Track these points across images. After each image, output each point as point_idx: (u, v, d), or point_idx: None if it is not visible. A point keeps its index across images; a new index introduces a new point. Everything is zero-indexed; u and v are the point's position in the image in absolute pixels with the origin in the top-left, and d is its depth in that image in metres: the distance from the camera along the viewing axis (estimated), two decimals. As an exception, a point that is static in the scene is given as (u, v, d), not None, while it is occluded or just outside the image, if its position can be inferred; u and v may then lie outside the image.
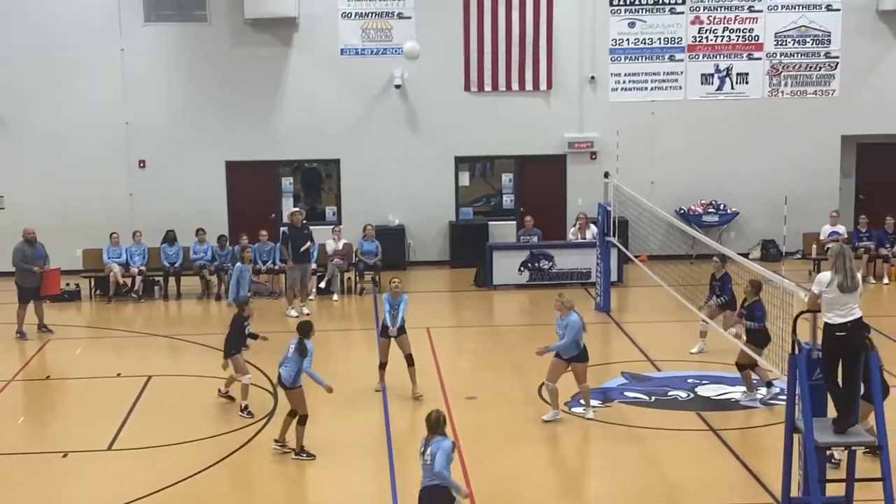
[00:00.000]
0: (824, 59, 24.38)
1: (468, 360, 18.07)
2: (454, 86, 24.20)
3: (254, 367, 16.71)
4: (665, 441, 13.74)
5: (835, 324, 10.18)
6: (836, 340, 10.18)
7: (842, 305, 10.19)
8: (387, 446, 13.58)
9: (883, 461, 10.01)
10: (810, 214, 23.24)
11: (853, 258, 10.48)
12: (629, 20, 24.18)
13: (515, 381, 16.21)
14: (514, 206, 24.78)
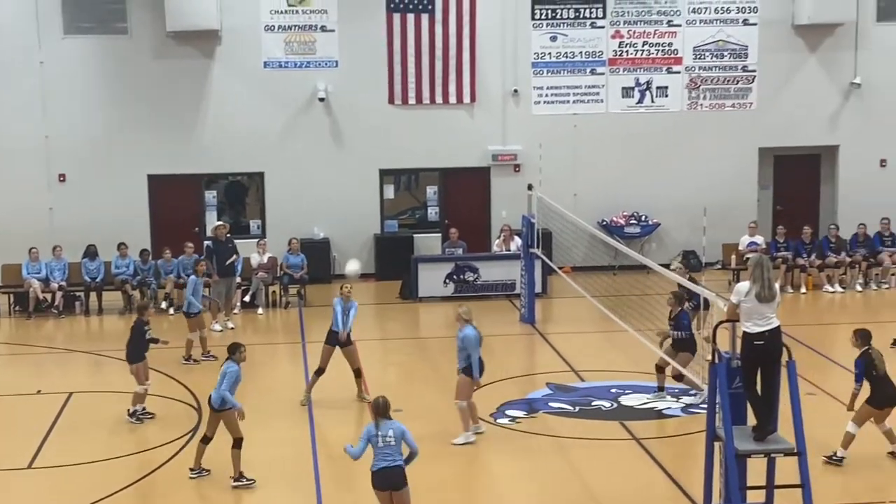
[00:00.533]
0: (742, 72, 24.85)
1: (394, 373, 18.08)
2: (378, 99, 24.24)
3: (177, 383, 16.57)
4: (589, 451, 13.87)
5: (753, 333, 10.38)
6: (754, 349, 10.37)
7: (760, 315, 10.39)
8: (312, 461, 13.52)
9: (801, 467, 10.21)
10: (729, 225, 23.64)
11: (771, 268, 10.69)
12: (551, 34, 24.44)
13: (441, 393, 16.22)
14: (439, 219, 24.87)
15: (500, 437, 14.39)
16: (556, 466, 13.47)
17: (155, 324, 20.82)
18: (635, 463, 13.43)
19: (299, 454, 13.79)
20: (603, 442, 14.14)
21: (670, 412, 15.19)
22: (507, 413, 15.19)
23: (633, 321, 16.92)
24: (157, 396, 15.93)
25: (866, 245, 23.25)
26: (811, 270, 22.94)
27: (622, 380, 16.47)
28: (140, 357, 15.05)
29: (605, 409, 15.34)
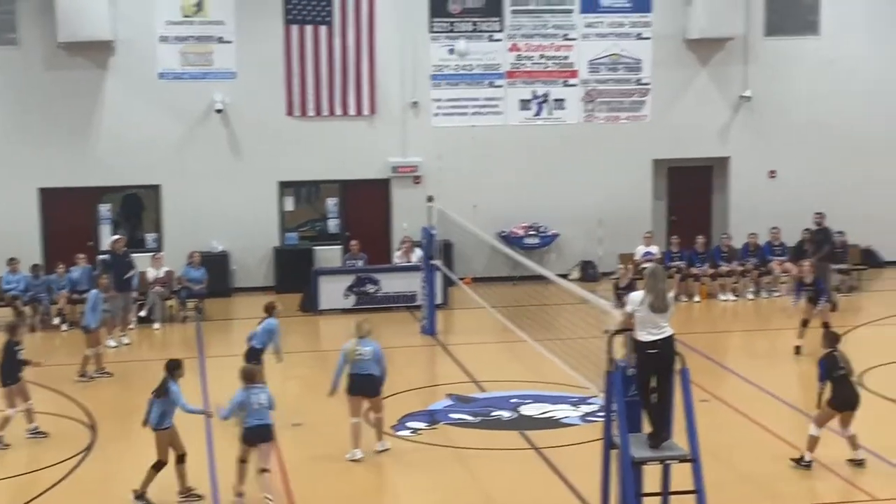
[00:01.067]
0: (636, 85, 25.29)
1: (295, 387, 17.96)
2: (277, 110, 24.11)
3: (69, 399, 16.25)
4: (490, 461, 13.96)
5: (646, 341, 10.56)
6: (647, 357, 10.56)
7: (653, 324, 10.58)
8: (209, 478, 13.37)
9: (695, 474, 10.41)
10: (625, 235, 24.04)
11: (665, 278, 10.89)
12: (449, 46, 24.59)
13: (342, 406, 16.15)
14: (340, 231, 24.81)
15: (401, 450, 14.39)
16: (458, 478, 13.52)
17: (47, 340, 20.50)
18: (535, 472, 13.54)
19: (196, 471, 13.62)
20: (503, 452, 14.24)
21: (569, 421, 15.36)
22: (407, 425, 15.20)
23: (532, 331, 17.08)
24: (49, 414, 15.59)
25: (757, 254, 23.82)
26: (704, 279, 23.41)
27: (522, 389, 16.60)
28: (14, 379, 14.58)
29: (505, 420, 15.45)
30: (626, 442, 10.36)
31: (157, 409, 12.44)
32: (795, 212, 24.60)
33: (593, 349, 12.67)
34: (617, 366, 10.64)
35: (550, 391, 16.35)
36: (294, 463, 13.80)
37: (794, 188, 25.44)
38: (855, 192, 25.57)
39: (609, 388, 10.67)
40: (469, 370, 17.97)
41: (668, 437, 10.63)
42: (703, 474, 10.45)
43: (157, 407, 12.45)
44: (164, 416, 12.45)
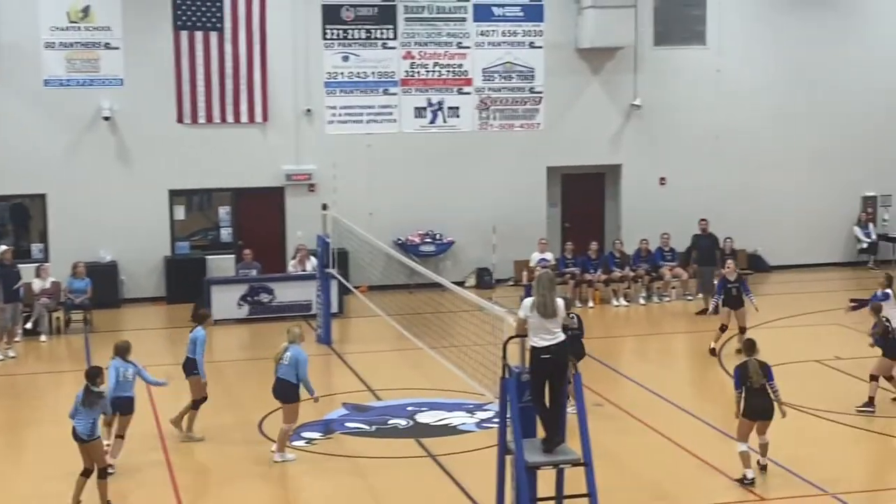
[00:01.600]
0: (529, 94, 25.51)
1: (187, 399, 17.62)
2: (167, 118, 23.73)
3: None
4: (387, 470, 13.90)
5: (539, 347, 10.62)
6: (541, 363, 10.61)
7: (545, 330, 10.64)
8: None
9: (588, 478, 10.49)
10: (521, 242, 24.20)
11: (553, 285, 10.90)
12: (342, 54, 24.49)
13: (235, 418, 15.99)
14: (233, 240, 24.50)
15: (296, 460, 14.24)
16: (354, 487, 13.43)
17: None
18: (431, 480, 13.52)
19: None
20: (400, 460, 14.18)
21: (465, 428, 15.38)
22: (303, 435, 15.05)
23: (428, 339, 17.07)
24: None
25: (648, 260, 24.20)
26: (598, 285, 23.69)
27: (418, 397, 16.57)
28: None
29: (401, 428, 15.40)
30: (520, 447, 10.40)
31: (86, 419, 12.24)
32: (685, 218, 25.08)
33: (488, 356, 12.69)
34: (511, 372, 10.67)
35: (446, 398, 16.35)
36: (186, 476, 13.55)
37: (684, 194, 25.92)
38: (742, 198, 26.18)
39: (503, 394, 10.70)
40: (365, 379, 17.89)
41: (561, 442, 10.69)
42: (597, 478, 10.53)
43: (86, 417, 12.24)
44: (94, 425, 12.30)
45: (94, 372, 12.49)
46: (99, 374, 12.48)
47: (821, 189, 26.79)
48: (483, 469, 13.24)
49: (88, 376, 12.44)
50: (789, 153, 26.56)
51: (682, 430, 15.13)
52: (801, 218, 26.68)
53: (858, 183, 27.09)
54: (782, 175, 26.55)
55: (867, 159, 26.98)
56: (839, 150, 26.79)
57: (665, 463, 14.12)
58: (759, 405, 12.88)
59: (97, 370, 12.54)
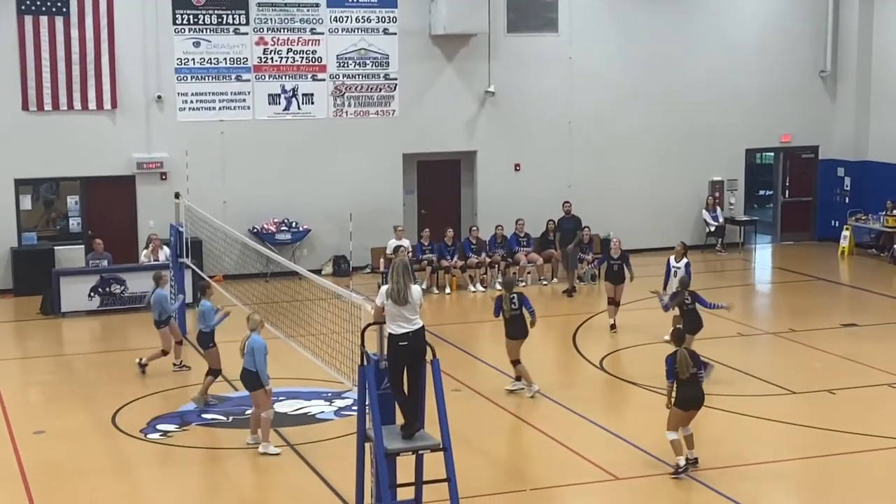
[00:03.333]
0: (384, 80, 25.51)
1: (36, 393, 17.20)
2: (11, 105, 22.93)
3: None
4: (244, 460, 13.79)
5: (397, 334, 10.68)
6: (399, 350, 10.68)
7: (402, 317, 10.70)
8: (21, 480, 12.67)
9: (447, 462, 10.61)
10: (377, 229, 24.21)
11: (408, 272, 10.94)
12: (194, 39, 24.05)
13: (86, 411, 15.64)
14: (82, 230, 23.87)
15: (150, 453, 14.03)
16: (211, 478, 13.30)
17: None
18: (290, 469, 13.47)
19: None
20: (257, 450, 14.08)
21: (323, 416, 15.36)
22: (158, 427, 14.83)
23: (285, 328, 16.94)
24: None
25: (504, 245, 24.51)
26: (455, 271, 23.89)
27: (276, 386, 16.38)
28: None
29: (260, 417, 15.26)
30: (379, 434, 10.46)
31: None
32: (540, 203, 25.49)
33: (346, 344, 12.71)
34: (369, 359, 10.71)
35: (304, 387, 16.29)
36: (35, 472, 13.19)
37: (538, 181, 26.32)
38: (594, 183, 26.71)
39: (362, 381, 10.73)
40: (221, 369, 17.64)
41: (420, 428, 10.79)
42: (456, 462, 10.66)
43: None
44: None
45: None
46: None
47: (670, 174, 27.54)
48: (343, 457, 13.29)
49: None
50: (639, 139, 27.21)
51: (539, 414, 15.40)
52: (651, 202, 27.38)
53: (706, 168, 27.94)
54: (633, 161, 27.19)
55: (714, 144, 27.84)
56: (687, 136, 27.57)
57: (522, 446, 14.37)
58: (691, 395, 12.85)
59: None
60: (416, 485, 10.91)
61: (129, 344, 19.93)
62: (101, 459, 13.80)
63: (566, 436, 14.40)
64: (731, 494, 12.47)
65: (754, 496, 12.59)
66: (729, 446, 13.90)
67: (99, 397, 16.21)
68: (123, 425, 14.94)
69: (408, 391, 10.78)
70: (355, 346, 11.43)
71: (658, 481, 12.95)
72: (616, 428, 14.61)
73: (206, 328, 15.87)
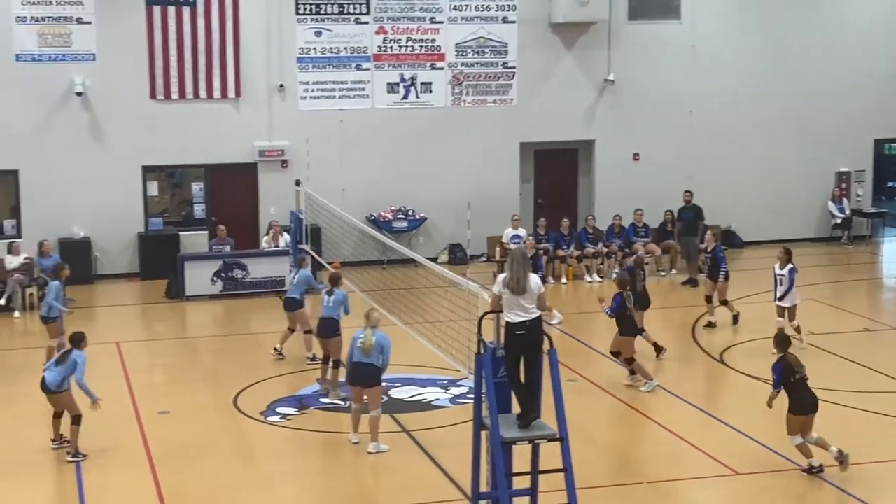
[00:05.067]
0: (502, 69, 25.48)
1: (161, 374, 17.66)
2: (139, 93, 23.56)
3: None
4: (361, 445, 13.93)
5: (514, 322, 10.66)
6: (515, 339, 10.66)
7: (519, 306, 10.68)
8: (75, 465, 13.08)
9: (564, 453, 10.56)
10: (494, 218, 24.21)
11: (525, 262, 10.88)
12: (315, 29, 24.38)
13: (209, 393, 16.01)
14: (206, 216, 24.42)
15: (271, 435, 14.29)
16: (329, 462, 13.49)
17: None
18: (405, 455, 13.59)
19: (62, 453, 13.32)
20: (374, 435, 14.23)
21: (439, 403, 15.45)
22: (277, 410, 15.10)
23: (401, 315, 17.10)
24: None
25: (621, 236, 24.30)
26: (571, 261, 23.77)
27: (392, 373, 16.52)
28: None
29: (375, 403, 15.42)
30: (495, 423, 10.46)
31: (59, 374, 13.35)
32: (658, 194, 25.20)
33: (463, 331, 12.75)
34: (486, 347, 10.73)
35: (420, 374, 16.40)
36: (161, 451, 13.56)
37: (657, 170, 26.01)
38: (715, 174, 26.28)
39: (478, 369, 10.75)
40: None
41: (536, 418, 10.76)
42: (572, 453, 10.62)
43: (57, 373, 13.35)
44: (64, 380, 13.41)
45: (78, 337, 13.59)
46: (81, 340, 13.55)
47: (794, 164, 26.94)
48: (457, 444, 13.36)
49: (72, 340, 13.56)
50: (762, 128, 26.66)
51: (656, 406, 15.25)
52: (774, 193, 26.83)
53: (831, 158, 27.25)
54: (755, 150, 26.67)
55: (841, 134, 27.13)
56: (813, 126, 26.92)
57: (639, 438, 14.24)
58: (805, 399, 12.60)
59: (81, 335, 13.60)
60: (532, 474, 10.89)
61: (250, 328, 20.34)
62: (223, 440, 14.10)
63: (684, 429, 14.23)
64: (853, 491, 12.18)
65: (876, 494, 12.26)
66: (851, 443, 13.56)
67: (221, 379, 16.57)
68: (245, 407, 15.25)
69: (524, 380, 10.76)
70: (472, 334, 11.46)
71: (778, 477, 12.71)
72: (735, 422, 14.38)
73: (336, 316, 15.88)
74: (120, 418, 14.72)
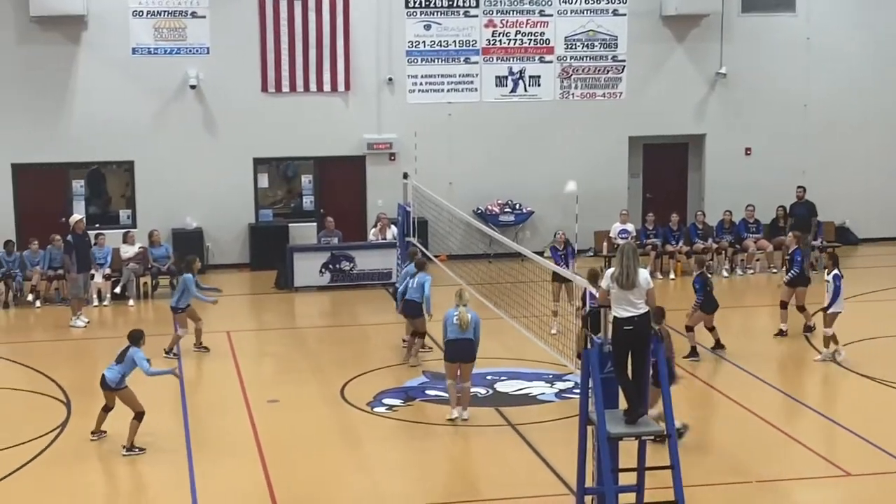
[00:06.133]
0: (611, 62, 25.26)
1: (270, 364, 17.92)
2: (251, 86, 23.95)
3: (44, 376, 16.17)
4: (466, 437, 13.97)
5: (622, 318, 10.56)
6: (623, 334, 10.56)
7: (627, 301, 10.58)
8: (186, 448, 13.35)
9: (671, 449, 10.45)
10: (601, 213, 24.03)
11: (634, 256, 10.78)
12: (425, 22, 24.48)
13: (317, 383, 16.20)
14: (315, 208, 24.71)
15: (377, 426, 14.40)
16: (433, 454, 13.54)
17: (20, 317, 20.43)
18: (510, 448, 13.58)
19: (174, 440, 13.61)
20: (479, 428, 14.24)
21: (544, 398, 15.39)
22: (384, 402, 15.21)
23: (508, 308, 17.08)
24: (24, 391, 15.47)
25: (732, 231, 23.90)
26: (679, 257, 23.47)
27: (497, 367, 16.61)
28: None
29: (480, 396, 15.44)
30: (602, 418, 10.39)
31: (118, 372, 13.50)
32: (770, 189, 24.72)
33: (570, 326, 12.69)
34: (593, 342, 10.65)
35: (526, 368, 16.36)
36: (270, 440, 13.76)
37: (770, 165, 25.53)
38: (829, 169, 25.69)
39: (586, 364, 10.69)
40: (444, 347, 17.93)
41: (644, 414, 10.66)
42: (679, 450, 10.48)
43: (117, 371, 13.51)
44: (123, 377, 13.54)
45: (136, 335, 13.71)
46: (140, 338, 13.70)
47: (911, 160, 26.20)
48: (562, 439, 13.30)
49: (131, 338, 13.67)
50: (880, 122, 25.97)
51: (765, 404, 14.98)
52: (891, 189, 26.11)
53: (951, 154, 26.44)
54: (872, 145, 26.00)
55: (960, 130, 26.29)
56: (930, 120, 26.15)
57: (747, 436, 14.00)
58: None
59: (139, 333, 13.75)
60: (639, 470, 10.78)
61: (357, 319, 20.54)
62: (330, 430, 14.26)
63: (794, 428, 13.95)
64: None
65: None
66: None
67: (328, 370, 16.76)
68: (351, 398, 15.40)
69: (632, 376, 10.66)
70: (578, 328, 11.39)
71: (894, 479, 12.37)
72: (847, 422, 14.04)
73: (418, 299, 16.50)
74: (230, 406, 14.98)
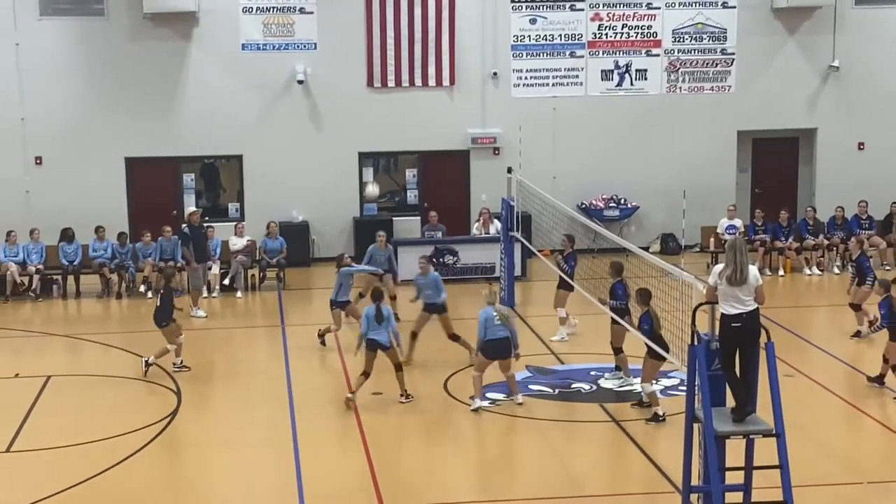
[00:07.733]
0: (720, 55, 24.87)
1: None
2: (357, 81, 24.15)
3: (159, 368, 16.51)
4: (569, 433, 13.92)
5: (730, 315, 10.40)
6: (731, 331, 10.40)
7: (735, 297, 10.40)
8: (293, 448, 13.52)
9: (780, 449, 10.25)
10: (708, 208, 23.71)
11: (745, 251, 10.62)
12: (530, 16, 24.40)
13: (420, 376, 16.25)
14: (419, 202, 24.83)
15: (480, 420, 14.42)
16: (537, 448, 13.51)
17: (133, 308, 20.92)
18: (615, 444, 13.48)
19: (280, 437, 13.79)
20: (583, 424, 14.18)
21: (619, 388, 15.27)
22: (487, 396, 15.21)
23: (612, 304, 16.93)
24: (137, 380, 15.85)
25: (844, 228, 23.36)
26: (789, 253, 23.02)
27: (601, 362, 16.49)
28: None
29: (584, 392, 15.37)
30: (709, 416, 10.24)
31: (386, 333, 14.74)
32: (884, 184, 24.12)
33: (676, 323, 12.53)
34: (700, 339, 10.51)
35: (631, 364, 16.20)
36: (374, 432, 13.87)
37: (884, 160, 24.90)
38: (946, 164, 24.96)
39: (692, 361, 10.55)
40: (547, 342, 17.90)
41: (752, 412, 10.49)
42: (788, 449, 10.29)
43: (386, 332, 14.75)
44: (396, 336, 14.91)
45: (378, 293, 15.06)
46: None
47: None
48: (667, 436, 13.16)
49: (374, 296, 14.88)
50: None
51: (877, 404, 14.61)
52: None
53: None
54: None
55: None
56: None
57: (859, 436, 13.69)
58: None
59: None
60: (746, 469, 10.61)
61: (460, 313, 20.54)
62: (433, 424, 14.31)
63: None
64: None
65: None
66: None
67: (431, 363, 16.81)
68: (454, 391, 15.44)
69: (740, 374, 10.49)
70: (686, 325, 11.24)
71: None
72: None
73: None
74: (336, 398, 15.12)
